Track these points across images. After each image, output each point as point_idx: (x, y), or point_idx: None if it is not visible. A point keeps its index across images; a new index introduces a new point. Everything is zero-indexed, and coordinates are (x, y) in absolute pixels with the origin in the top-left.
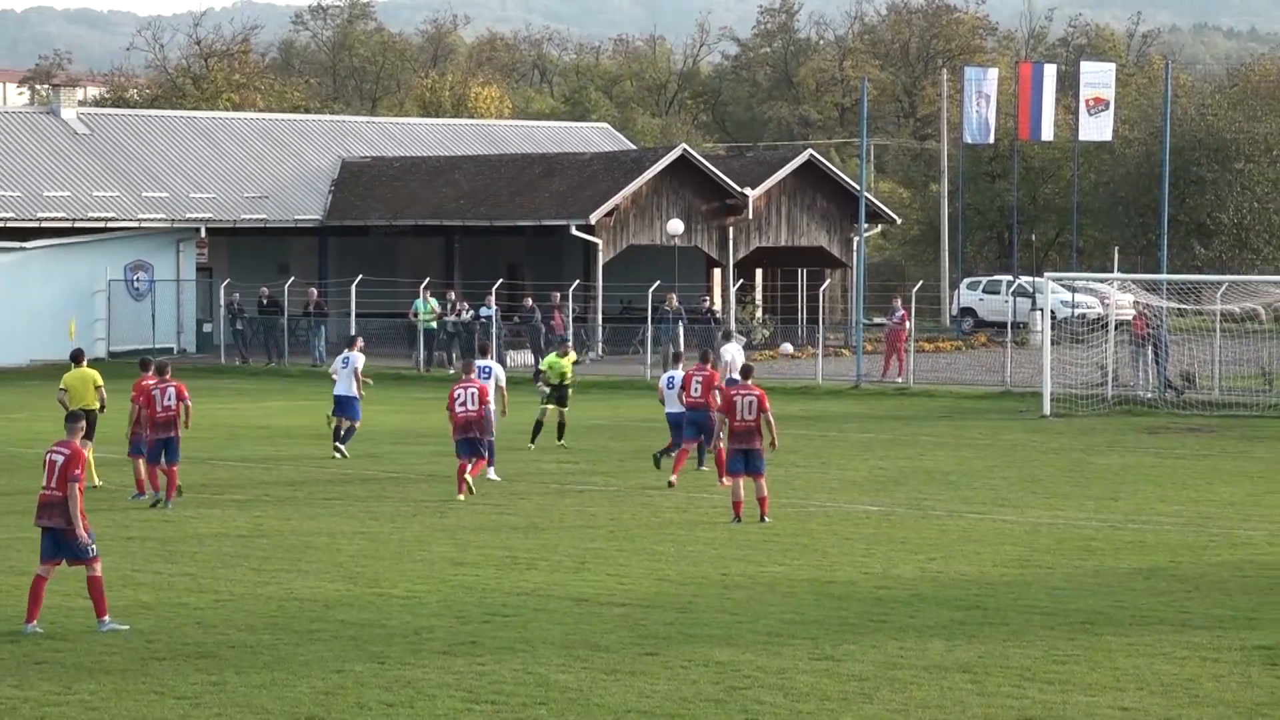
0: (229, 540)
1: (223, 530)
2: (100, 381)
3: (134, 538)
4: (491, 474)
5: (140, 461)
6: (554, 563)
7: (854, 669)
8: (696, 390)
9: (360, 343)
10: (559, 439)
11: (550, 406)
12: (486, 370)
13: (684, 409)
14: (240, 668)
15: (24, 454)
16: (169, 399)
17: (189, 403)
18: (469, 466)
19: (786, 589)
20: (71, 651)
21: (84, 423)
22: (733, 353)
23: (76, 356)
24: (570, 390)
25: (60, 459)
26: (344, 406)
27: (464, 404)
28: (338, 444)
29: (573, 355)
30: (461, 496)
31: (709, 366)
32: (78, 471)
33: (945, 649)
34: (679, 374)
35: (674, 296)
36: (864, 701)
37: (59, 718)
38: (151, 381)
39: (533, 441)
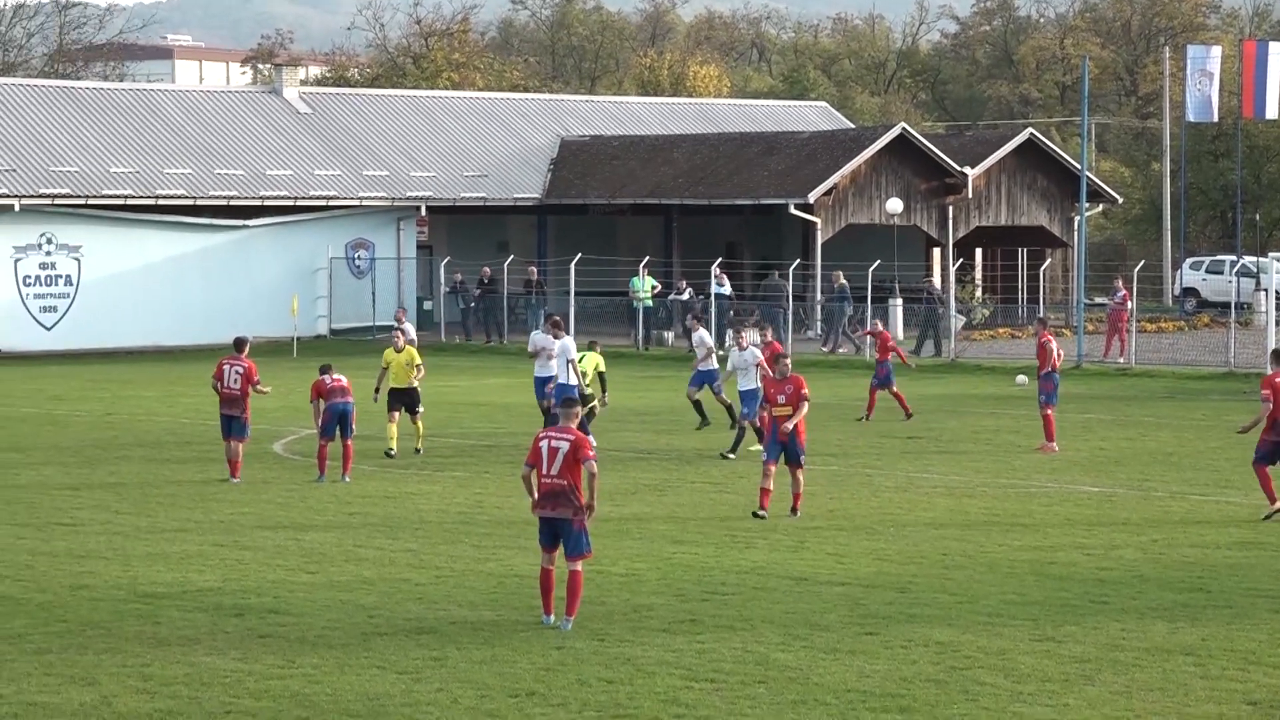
0: (450, 516)
1: (444, 506)
2: (419, 360)
3: (356, 513)
4: None
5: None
6: (773, 541)
7: (1075, 650)
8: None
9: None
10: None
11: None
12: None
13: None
14: (461, 643)
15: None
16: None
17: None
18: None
19: (1007, 569)
20: (295, 626)
21: (580, 406)
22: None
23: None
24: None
25: (565, 445)
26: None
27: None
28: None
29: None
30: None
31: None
32: (590, 453)
33: (1168, 631)
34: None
35: (840, 274)
36: (1085, 683)
37: (282, 691)
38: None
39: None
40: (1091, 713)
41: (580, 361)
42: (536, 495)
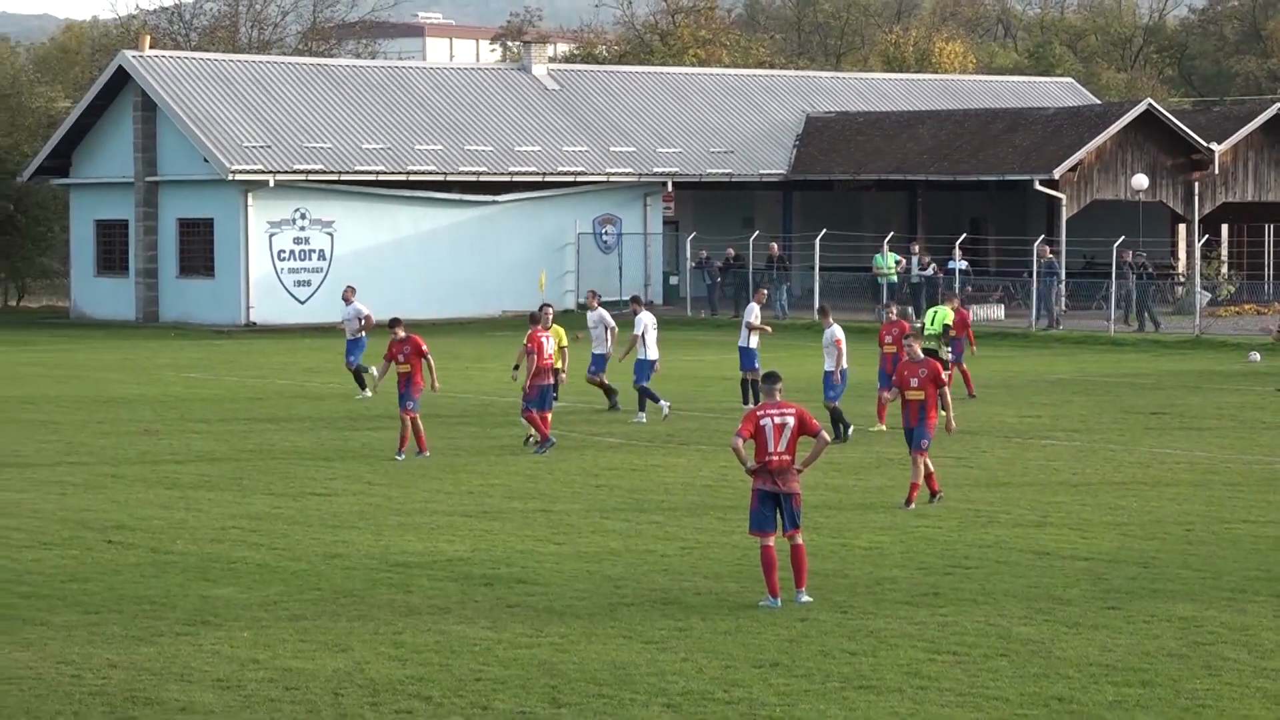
0: (695, 489)
1: (689, 480)
2: (565, 341)
3: (602, 485)
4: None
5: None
6: (1016, 516)
7: None
8: None
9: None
10: None
11: None
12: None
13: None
14: (706, 614)
15: (496, 402)
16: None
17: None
18: None
19: (1251, 545)
20: (543, 595)
21: (781, 384)
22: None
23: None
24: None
25: (790, 420)
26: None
27: None
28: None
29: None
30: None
31: None
32: (816, 422)
33: None
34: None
35: (1130, 252)
36: None
37: (530, 659)
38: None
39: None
40: None
41: (936, 315)
42: (758, 468)
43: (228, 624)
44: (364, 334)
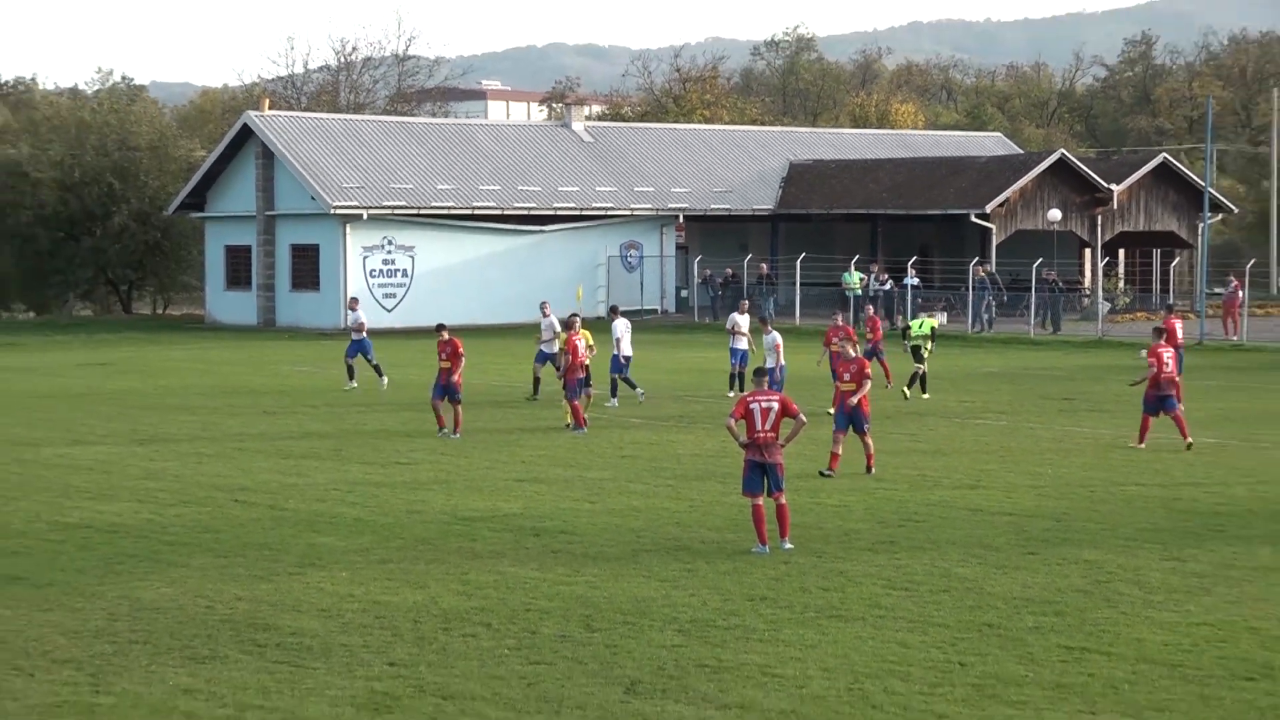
0: (701, 459)
1: (696, 451)
2: (591, 341)
3: (627, 456)
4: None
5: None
6: (955, 480)
7: (1196, 568)
8: None
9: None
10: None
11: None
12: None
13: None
14: (709, 558)
15: (542, 391)
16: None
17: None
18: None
19: (1141, 504)
20: (580, 543)
21: (768, 376)
22: (621, 330)
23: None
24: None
25: (775, 405)
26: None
27: None
28: None
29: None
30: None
31: None
32: (795, 407)
33: (1272, 554)
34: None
35: (1048, 270)
36: (1204, 594)
37: (569, 594)
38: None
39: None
40: (1209, 617)
41: (924, 323)
42: (748, 443)
43: (330, 566)
44: (364, 335)
